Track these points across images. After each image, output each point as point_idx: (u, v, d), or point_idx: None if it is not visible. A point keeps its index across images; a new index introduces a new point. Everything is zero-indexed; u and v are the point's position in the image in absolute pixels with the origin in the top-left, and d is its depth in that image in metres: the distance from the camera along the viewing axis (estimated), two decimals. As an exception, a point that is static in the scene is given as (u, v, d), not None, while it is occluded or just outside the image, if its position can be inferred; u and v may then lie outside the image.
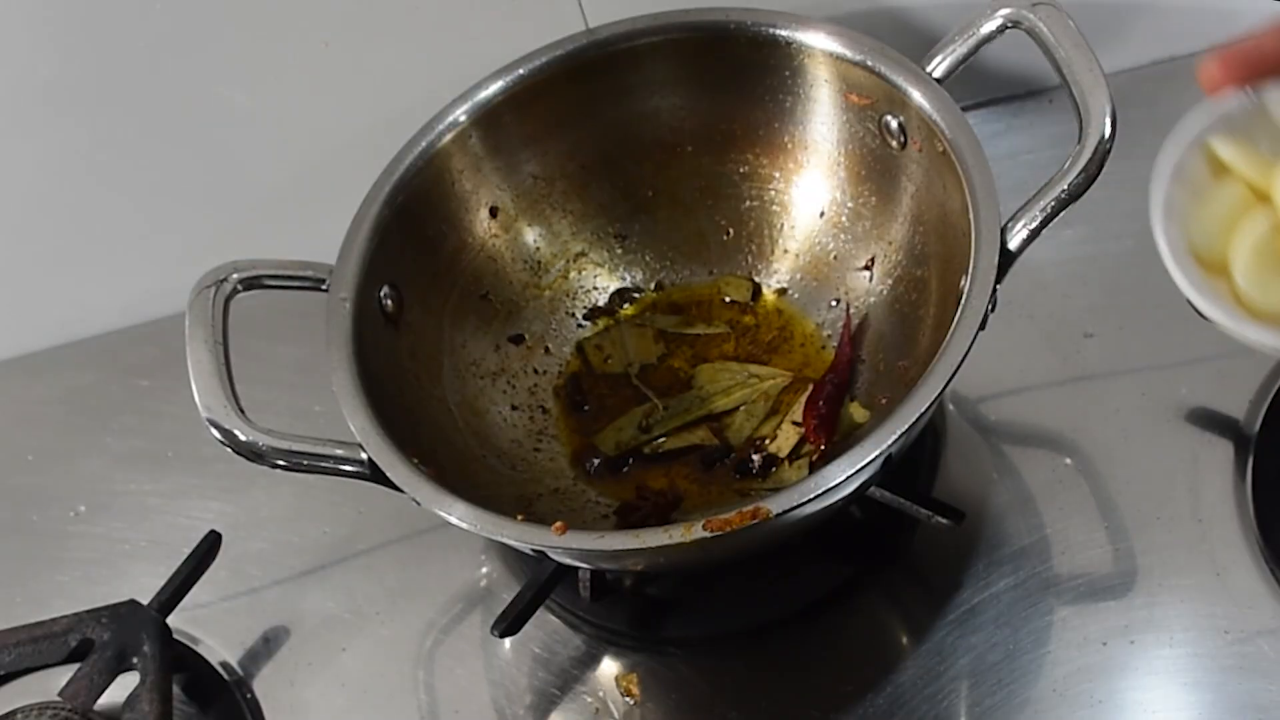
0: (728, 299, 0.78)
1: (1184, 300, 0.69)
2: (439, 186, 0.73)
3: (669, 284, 0.80)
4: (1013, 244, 0.60)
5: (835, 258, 0.75)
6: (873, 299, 0.74)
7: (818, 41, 0.70)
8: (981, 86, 0.86)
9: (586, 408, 0.76)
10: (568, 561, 0.65)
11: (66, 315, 0.91)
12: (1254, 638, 0.62)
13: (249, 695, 0.71)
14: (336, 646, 0.72)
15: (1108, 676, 0.62)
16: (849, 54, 0.69)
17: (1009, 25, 0.64)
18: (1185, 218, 0.44)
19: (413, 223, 0.72)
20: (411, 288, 0.72)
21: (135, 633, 0.69)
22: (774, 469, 0.70)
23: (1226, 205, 0.44)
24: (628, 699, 0.67)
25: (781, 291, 0.77)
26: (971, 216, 0.61)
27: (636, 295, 0.79)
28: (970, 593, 0.66)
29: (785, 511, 0.55)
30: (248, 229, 0.88)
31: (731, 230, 0.79)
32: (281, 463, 0.61)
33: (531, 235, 0.78)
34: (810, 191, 0.76)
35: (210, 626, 0.74)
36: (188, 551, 0.73)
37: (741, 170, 0.77)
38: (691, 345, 0.77)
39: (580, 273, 0.79)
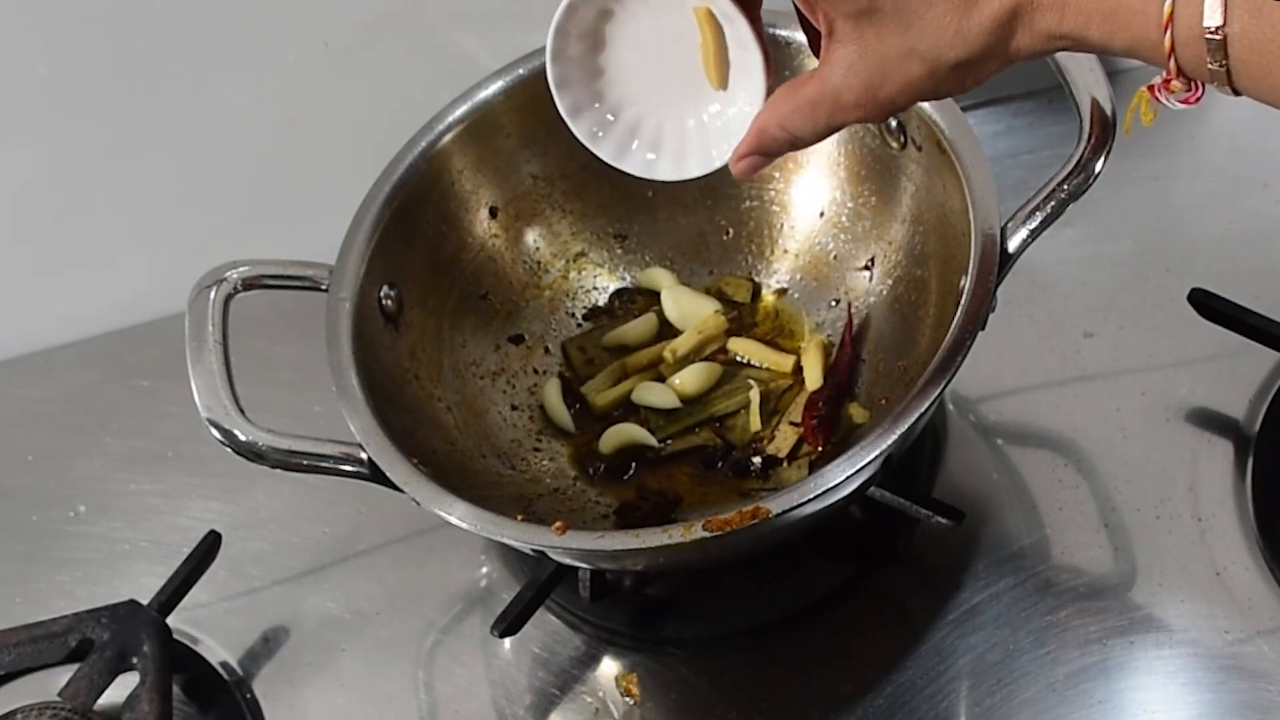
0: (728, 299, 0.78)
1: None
2: (439, 186, 0.73)
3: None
4: (1012, 244, 0.60)
5: (835, 258, 0.75)
6: (873, 299, 0.73)
7: (818, 41, 0.70)
8: (981, 87, 0.85)
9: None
10: (568, 561, 0.64)
11: (66, 315, 0.91)
12: (1254, 638, 0.62)
13: (249, 695, 0.71)
14: (336, 646, 0.72)
15: (1107, 676, 0.62)
16: (849, 54, 0.68)
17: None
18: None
19: (413, 223, 0.72)
20: (411, 288, 0.72)
21: (135, 633, 0.69)
22: (774, 469, 0.70)
23: None
24: (628, 699, 0.67)
25: (781, 291, 0.77)
26: (971, 217, 0.61)
27: (636, 295, 0.79)
28: (970, 593, 0.66)
29: (785, 511, 0.55)
30: (248, 229, 0.88)
31: (731, 230, 0.78)
32: (281, 463, 0.62)
33: (531, 235, 0.78)
34: (810, 191, 0.76)
35: (210, 626, 0.74)
36: (188, 551, 0.73)
37: (741, 170, 0.77)
38: (691, 345, 0.77)
39: (580, 273, 0.79)
